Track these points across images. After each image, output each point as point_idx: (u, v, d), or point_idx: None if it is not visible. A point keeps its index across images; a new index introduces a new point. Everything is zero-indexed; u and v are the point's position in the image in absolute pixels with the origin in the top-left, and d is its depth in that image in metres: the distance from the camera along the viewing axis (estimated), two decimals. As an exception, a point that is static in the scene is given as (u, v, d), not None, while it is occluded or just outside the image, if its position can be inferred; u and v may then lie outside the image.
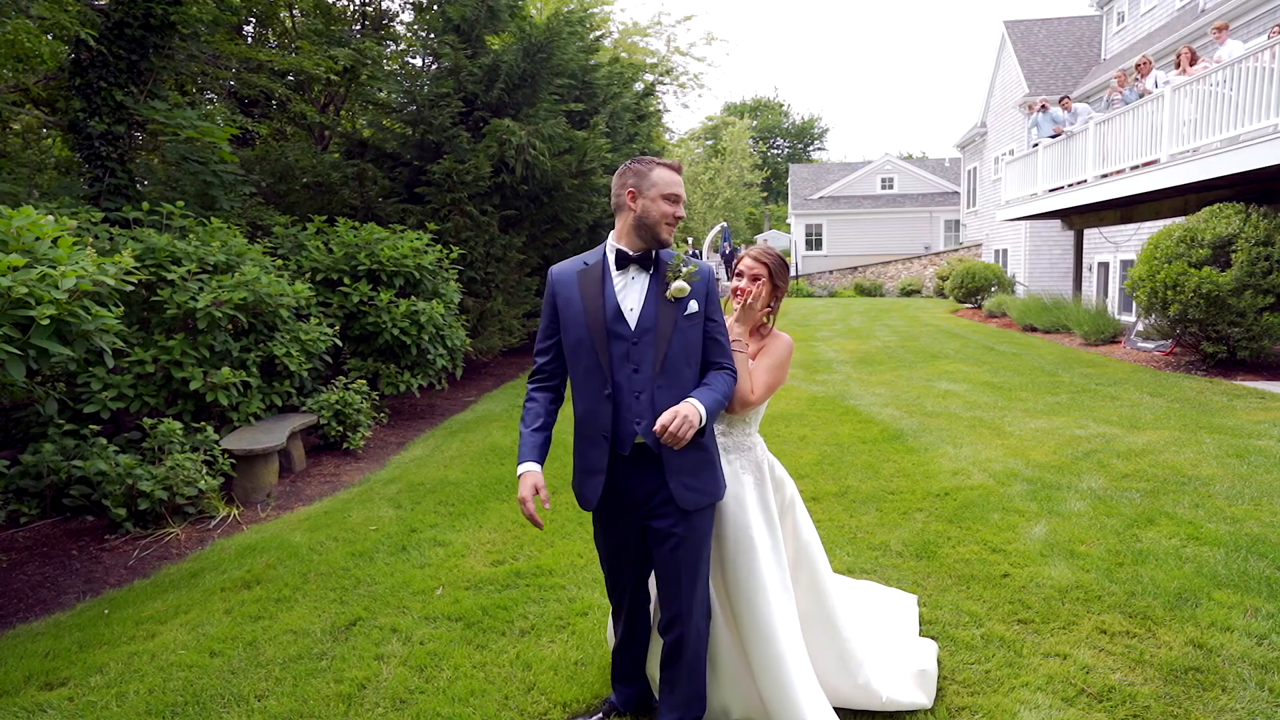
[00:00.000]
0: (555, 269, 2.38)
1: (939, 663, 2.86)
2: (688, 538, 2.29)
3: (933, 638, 3.06)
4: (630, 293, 2.29)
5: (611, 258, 2.32)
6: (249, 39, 11.79)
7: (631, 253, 2.29)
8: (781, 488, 2.62)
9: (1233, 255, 8.33)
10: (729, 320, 2.58)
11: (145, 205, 6.27)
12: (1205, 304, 8.27)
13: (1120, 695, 2.66)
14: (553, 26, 10.30)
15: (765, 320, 2.64)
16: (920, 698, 2.63)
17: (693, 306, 2.28)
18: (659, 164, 2.29)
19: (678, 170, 2.30)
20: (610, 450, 2.28)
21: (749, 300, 2.49)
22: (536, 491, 2.27)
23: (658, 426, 2.11)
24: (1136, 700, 2.63)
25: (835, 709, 2.55)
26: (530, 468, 2.30)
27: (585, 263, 2.35)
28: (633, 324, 2.27)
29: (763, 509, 2.48)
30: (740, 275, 2.58)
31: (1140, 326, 10.75)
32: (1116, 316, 12.95)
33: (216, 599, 3.75)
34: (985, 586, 3.53)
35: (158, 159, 8.88)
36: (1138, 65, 11.51)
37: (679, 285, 2.25)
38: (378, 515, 4.95)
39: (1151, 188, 10.12)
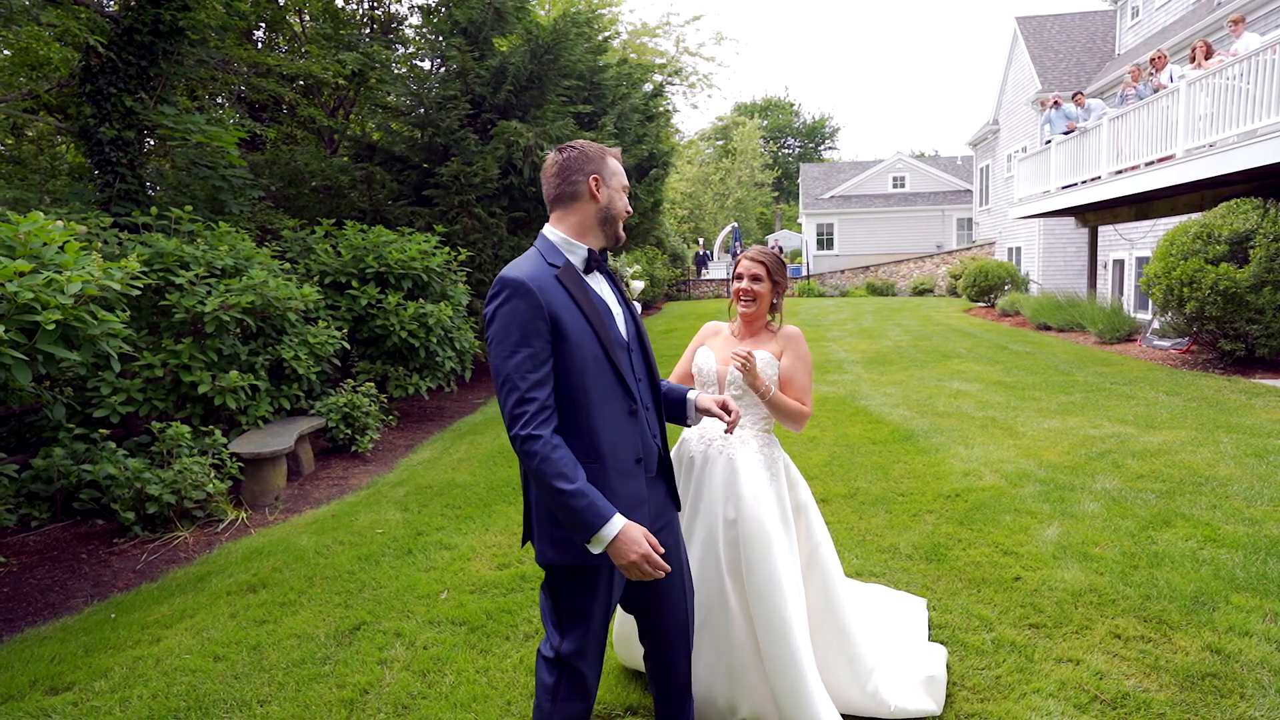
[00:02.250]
0: (524, 274, 1.84)
1: (948, 668, 2.81)
2: (681, 543, 2.26)
3: (942, 642, 3.00)
4: (606, 297, 2.02)
5: (578, 259, 1.98)
6: (259, 44, 11.86)
7: (598, 252, 2.02)
8: (795, 488, 2.60)
9: (1250, 251, 8.19)
10: (730, 373, 2.54)
11: (154, 210, 6.30)
12: (1222, 301, 8.14)
13: (1134, 702, 2.60)
14: (559, 28, 10.29)
15: (771, 317, 2.66)
16: (929, 704, 2.58)
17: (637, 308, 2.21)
18: (609, 152, 2.03)
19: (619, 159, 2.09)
20: (643, 475, 2.00)
21: (746, 370, 2.41)
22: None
23: (733, 418, 2.18)
24: (1151, 707, 2.57)
25: (842, 714, 2.52)
26: (622, 518, 1.83)
27: (552, 264, 1.93)
28: (624, 330, 2.04)
29: (778, 504, 2.47)
30: (740, 277, 2.59)
31: (1156, 324, 10.60)
32: (1132, 314, 12.78)
33: (222, 603, 3.75)
34: (996, 590, 3.47)
35: (169, 164, 8.94)
36: (1152, 60, 11.36)
37: (638, 285, 2.19)
38: (384, 518, 4.94)
39: (1167, 183, 9.98)
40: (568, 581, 1.96)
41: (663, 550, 1.88)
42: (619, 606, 2.20)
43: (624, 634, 2.76)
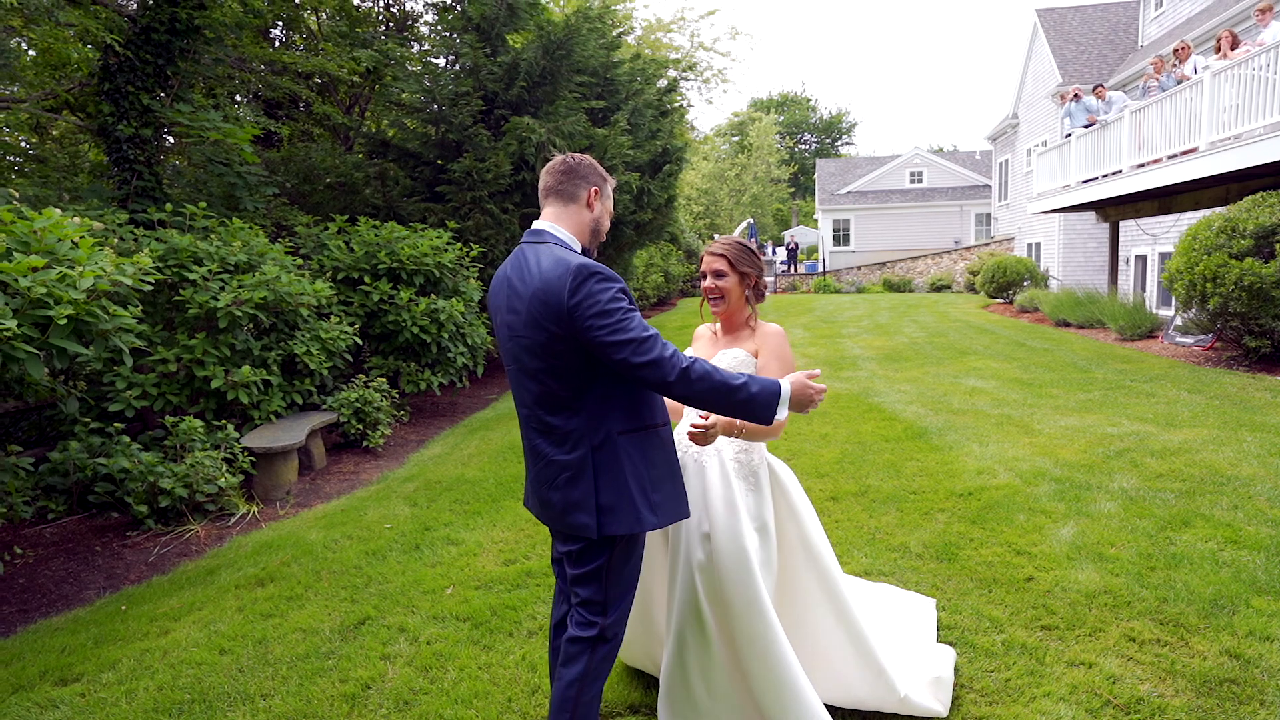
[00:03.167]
0: (597, 264, 1.99)
1: (956, 670, 2.76)
2: None
3: (951, 643, 2.95)
4: None
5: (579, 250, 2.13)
6: (276, 42, 11.94)
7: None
8: (785, 494, 2.46)
9: (1276, 246, 8.00)
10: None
11: (169, 207, 6.36)
12: (1247, 297, 7.96)
13: (1149, 707, 2.54)
14: (572, 24, 10.26)
15: (751, 310, 2.49)
16: (935, 705, 2.53)
17: None
18: (611, 180, 2.21)
19: None
20: None
21: (702, 439, 2.23)
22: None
23: (708, 423, 2.21)
24: (1166, 713, 2.50)
25: (849, 710, 2.49)
26: (785, 378, 2.03)
27: (584, 254, 2.13)
28: None
29: (756, 517, 2.34)
30: (704, 275, 2.44)
31: (1179, 321, 10.41)
32: (1154, 311, 12.56)
33: (230, 596, 3.77)
34: (1008, 590, 3.41)
35: (185, 161, 9.03)
36: (1176, 51, 11.13)
37: None
38: (393, 513, 4.95)
39: (1190, 177, 9.78)
40: (627, 552, 2.09)
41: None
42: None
43: (624, 637, 2.73)
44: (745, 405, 1.95)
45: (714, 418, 2.12)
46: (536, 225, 2.11)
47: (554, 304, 1.91)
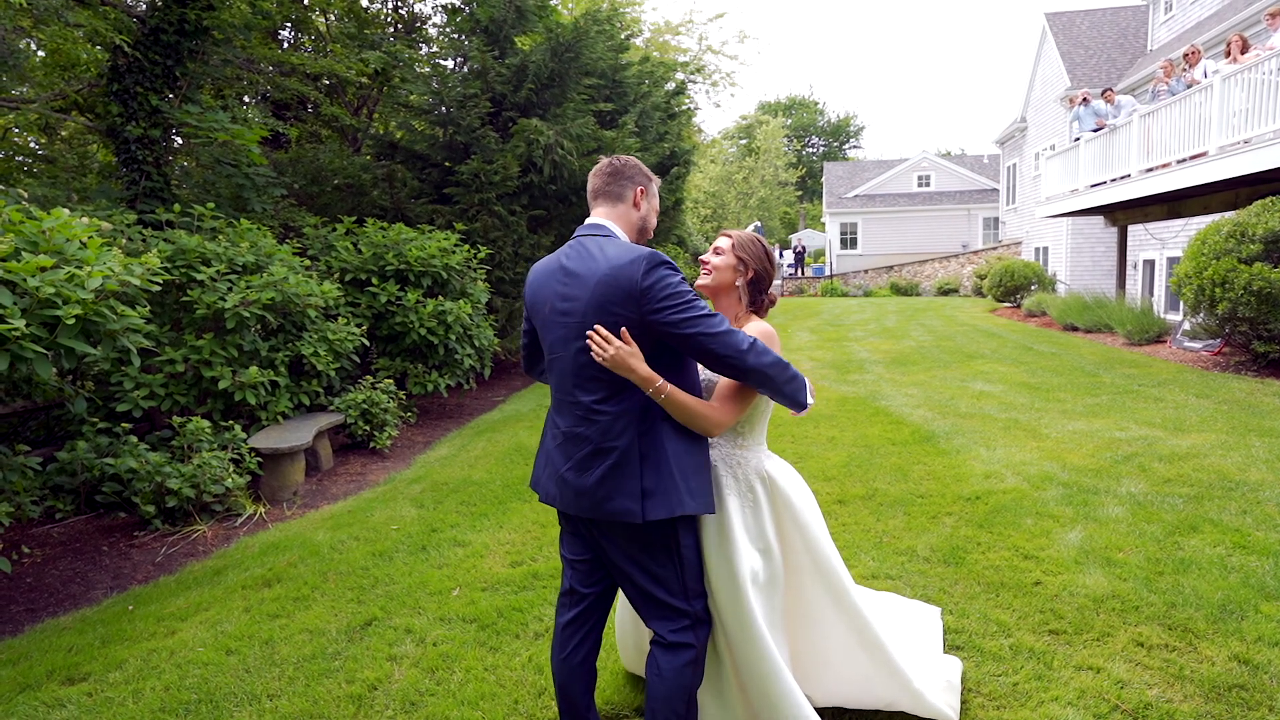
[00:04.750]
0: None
1: (963, 678, 2.75)
2: None
3: (958, 648, 2.94)
4: None
5: None
6: (284, 43, 12.00)
7: None
8: (788, 504, 2.33)
9: (1286, 251, 7.96)
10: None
11: (177, 208, 6.38)
12: (1256, 301, 7.92)
13: (1157, 712, 2.52)
14: (581, 26, 10.29)
15: (751, 307, 2.39)
16: (946, 709, 2.52)
17: None
18: (656, 179, 2.30)
19: None
20: None
21: (602, 355, 2.03)
22: None
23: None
24: (1174, 718, 2.49)
25: (865, 710, 2.52)
26: None
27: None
28: None
29: (757, 537, 2.27)
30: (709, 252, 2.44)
31: (1187, 325, 10.35)
32: (1162, 315, 12.50)
33: (237, 597, 3.78)
34: (1015, 595, 3.39)
35: (194, 162, 9.07)
36: (1186, 55, 11.09)
37: None
38: (400, 515, 4.96)
39: (1199, 181, 9.73)
40: (688, 534, 2.13)
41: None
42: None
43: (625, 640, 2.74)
44: (793, 383, 2.08)
45: (614, 343, 1.97)
46: (591, 221, 2.19)
47: (626, 286, 1.97)
